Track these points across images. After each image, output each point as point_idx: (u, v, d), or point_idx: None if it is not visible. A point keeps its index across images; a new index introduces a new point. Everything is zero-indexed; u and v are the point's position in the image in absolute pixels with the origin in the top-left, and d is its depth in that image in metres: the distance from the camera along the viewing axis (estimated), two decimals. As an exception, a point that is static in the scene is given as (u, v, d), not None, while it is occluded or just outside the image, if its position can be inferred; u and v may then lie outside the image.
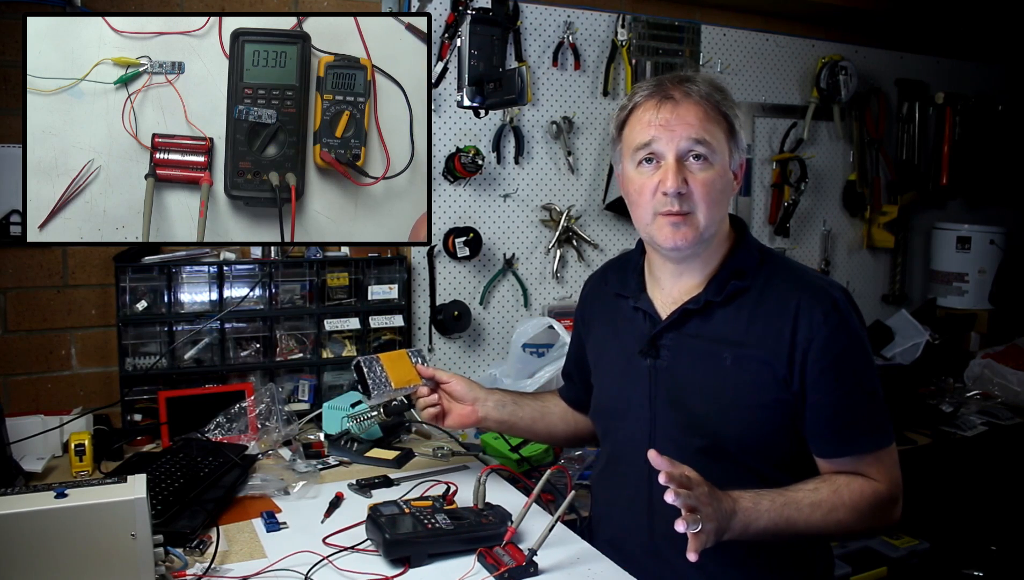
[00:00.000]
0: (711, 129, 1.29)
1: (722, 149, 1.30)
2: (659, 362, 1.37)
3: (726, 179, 1.32)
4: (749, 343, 1.30)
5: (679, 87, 1.31)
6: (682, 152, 1.29)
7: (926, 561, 2.42)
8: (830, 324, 1.26)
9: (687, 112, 1.29)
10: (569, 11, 2.58)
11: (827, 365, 1.26)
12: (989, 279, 3.29)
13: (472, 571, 1.30)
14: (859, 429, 1.29)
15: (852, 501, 1.26)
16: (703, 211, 1.29)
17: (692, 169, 1.29)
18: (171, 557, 1.27)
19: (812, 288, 1.30)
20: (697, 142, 1.28)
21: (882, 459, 1.30)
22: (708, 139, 1.28)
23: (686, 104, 1.29)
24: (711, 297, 1.33)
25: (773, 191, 3.07)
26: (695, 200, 1.29)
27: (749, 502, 1.21)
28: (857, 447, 1.29)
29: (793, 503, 1.24)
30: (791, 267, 1.39)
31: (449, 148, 2.43)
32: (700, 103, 1.29)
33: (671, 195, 1.28)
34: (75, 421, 1.87)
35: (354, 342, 2.29)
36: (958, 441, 2.47)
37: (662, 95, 1.31)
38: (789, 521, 1.23)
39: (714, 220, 1.31)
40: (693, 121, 1.28)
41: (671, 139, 1.28)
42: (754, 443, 1.30)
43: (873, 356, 1.34)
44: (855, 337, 1.29)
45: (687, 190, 1.28)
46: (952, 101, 3.40)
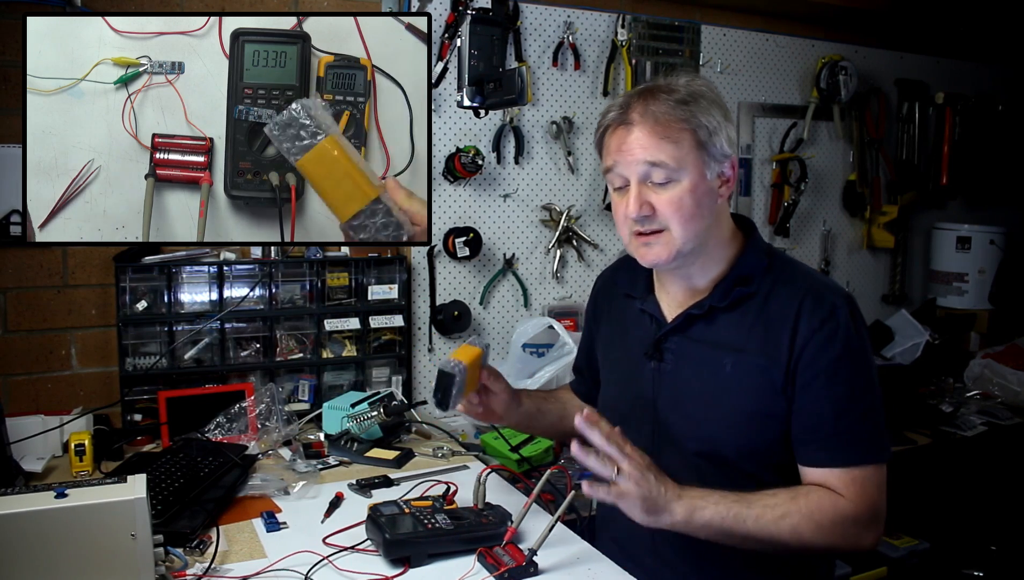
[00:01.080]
0: (667, 149, 1.25)
1: (687, 163, 1.26)
2: (663, 365, 1.37)
3: (700, 191, 1.28)
4: (750, 350, 1.29)
5: (638, 106, 1.28)
6: (642, 176, 1.28)
7: (926, 561, 2.42)
8: (826, 331, 1.25)
9: (641, 135, 1.27)
10: (569, 11, 2.58)
11: (818, 371, 1.25)
12: (989, 279, 3.29)
13: (472, 571, 1.30)
14: (843, 440, 1.25)
15: (808, 510, 1.22)
16: (676, 228, 1.28)
17: (656, 190, 1.28)
18: (171, 557, 1.27)
19: (814, 295, 1.29)
20: (652, 165, 1.26)
21: (862, 479, 1.24)
22: (664, 160, 1.25)
23: (640, 127, 1.27)
24: (716, 303, 1.33)
25: (773, 191, 3.07)
26: (665, 218, 1.28)
27: (697, 492, 1.22)
28: (836, 458, 1.25)
29: (744, 500, 1.22)
30: (798, 271, 1.36)
31: (449, 148, 2.43)
32: (654, 126, 1.26)
33: (635, 219, 1.29)
34: (75, 421, 1.87)
35: (354, 342, 2.29)
36: (958, 441, 2.47)
37: (621, 119, 1.29)
38: (737, 517, 1.21)
39: (692, 234, 1.29)
40: (646, 144, 1.26)
41: (628, 164, 1.28)
42: (752, 450, 1.30)
43: (874, 370, 1.30)
44: (851, 347, 1.26)
45: (652, 212, 1.28)
46: (952, 101, 3.39)
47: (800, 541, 1.23)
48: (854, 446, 1.26)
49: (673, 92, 1.28)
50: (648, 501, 1.18)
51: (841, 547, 1.27)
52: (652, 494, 1.18)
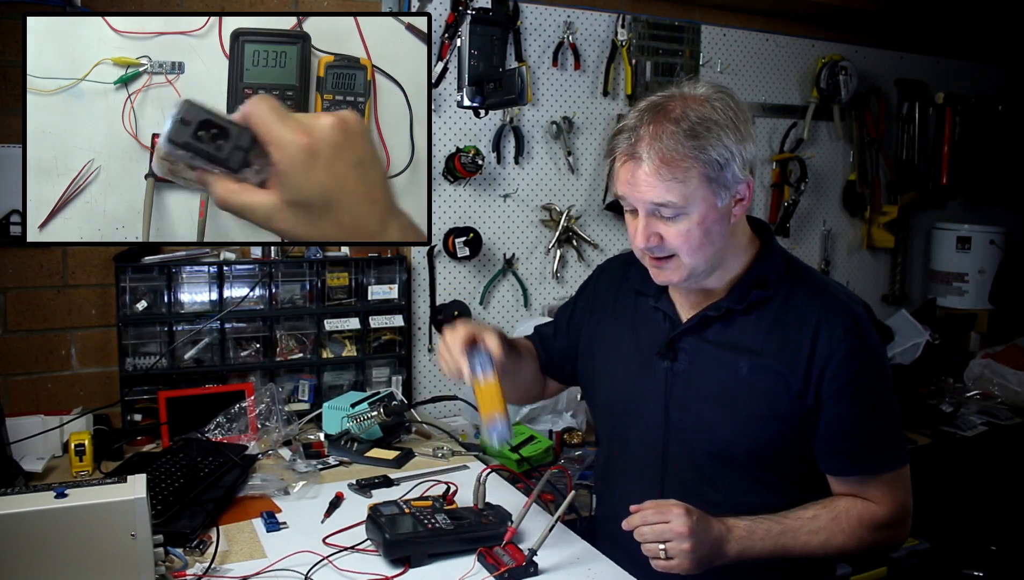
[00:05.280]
0: (674, 189, 1.22)
1: (695, 198, 1.24)
2: (676, 365, 1.37)
3: (710, 220, 1.26)
4: (766, 353, 1.29)
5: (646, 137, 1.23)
6: (650, 210, 1.26)
7: (926, 561, 2.42)
8: (849, 341, 1.25)
9: (648, 175, 1.23)
10: (569, 11, 2.58)
11: (844, 383, 1.26)
12: (989, 279, 3.29)
13: (472, 571, 1.30)
14: (871, 450, 1.29)
15: (851, 528, 1.28)
16: (685, 256, 1.27)
17: (665, 222, 1.26)
18: (171, 557, 1.27)
19: (834, 303, 1.29)
20: (658, 205, 1.24)
21: (890, 482, 1.30)
22: (671, 200, 1.23)
23: (646, 167, 1.23)
24: (732, 305, 1.32)
25: (773, 191, 3.07)
26: (674, 247, 1.27)
27: (744, 531, 1.25)
28: (867, 468, 1.29)
29: (790, 531, 1.26)
30: (815, 279, 1.37)
31: (449, 148, 2.43)
32: (659, 167, 1.22)
33: (643, 249, 1.29)
34: (75, 421, 1.87)
35: (354, 342, 2.29)
36: (958, 441, 2.47)
37: (630, 152, 1.25)
38: (785, 548, 1.26)
39: (702, 259, 1.28)
40: (653, 183, 1.23)
41: (636, 199, 1.26)
42: (763, 453, 1.30)
43: (891, 376, 1.33)
44: (874, 356, 1.29)
45: (660, 241, 1.27)
46: (952, 101, 3.40)
47: (841, 553, 1.31)
48: (882, 454, 1.30)
49: (682, 120, 1.23)
50: (705, 557, 1.22)
51: (879, 550, 1.35)
52: (707, 550, 1.22)
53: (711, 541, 1.22)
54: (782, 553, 1.26)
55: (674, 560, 1.20)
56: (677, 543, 1.19)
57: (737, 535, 1.24)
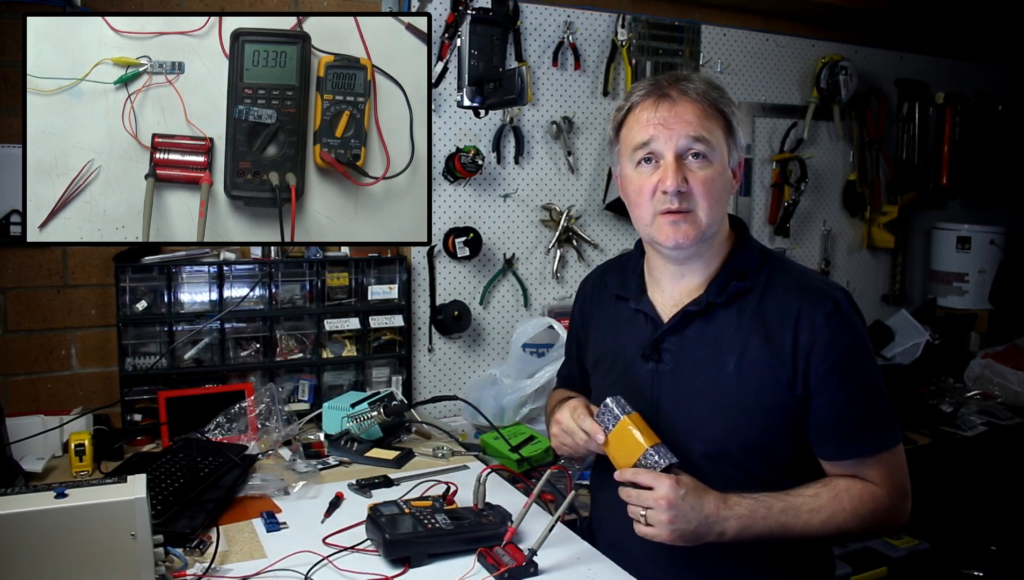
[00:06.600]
0: (709, 126, 1.29)
1: (720, 146, 1.30)
2: (662, 366, 1.37)
3: (725, 177, 1.32)
4: (751, 346, 1.29)
5: (676, 85, 1.31)
6: (681, 150, 1.28)
7: (926, 561, 2.42)
8: (832, 326, 1.26)
9: (685, 110, 1.28)
10: (569, 11, 2.58)
11: (831, 367, 1.26)
12: (989, 279, 3.29)
13: (472, 571, 1.30)
14: (864, 431, 1.29)
15: (852, 507, 1.27)
16: (704, 209, 1.29)
17: (691, 167, 1.28)
18: (171, 557, 1.27)
19: (813, 289, 1.30)
20: (696, 140, 1.28)
21: (886, 461, 1.30)
22: (707, 136, 1.28)
23: (683, 102, 1.29)
24: (712, 298, 1.33)
25: (773, 191, 3.07)
26: (695, 198, 1.28)
27: (746, 509, 1.24)
28: (861, 450, 1.29)
29: (792, 509, 1.25)
30: (792, 268, 1.38)
31: (449, 148, 2.43)
32: (697, 100, 1.29)
33: (671, 193, 1.27)
34: (75, 421, 1.87)
35: (354, 342, 2.29)
36: (958, 441, 2.47)
37: (659, 94, 1.31)
38: (786, 527, 1.25)
39: (715, 218, 1.31)
40: (691, 119, 1.28)
41: (669, 137, 1.28)
42: (758, 447, 1.30)
43: (875, 356, 1.34)
44: (857, 338, 1.29)
45: (687, 188, 1.28)
46: (952, 101, 3.40)
47: (843, 534, 1.30)
48: (875, 435, 1.29)
49: (703, 78, 1.33)
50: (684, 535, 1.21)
51: (882, 531, 1.36)
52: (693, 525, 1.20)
53: (700, 518, 1.21)
54: (782, 532, 1.24)
55: (653, 528, 1.21)
56: (657, 512, 1.20)
57: (739, 513, 1.23)
